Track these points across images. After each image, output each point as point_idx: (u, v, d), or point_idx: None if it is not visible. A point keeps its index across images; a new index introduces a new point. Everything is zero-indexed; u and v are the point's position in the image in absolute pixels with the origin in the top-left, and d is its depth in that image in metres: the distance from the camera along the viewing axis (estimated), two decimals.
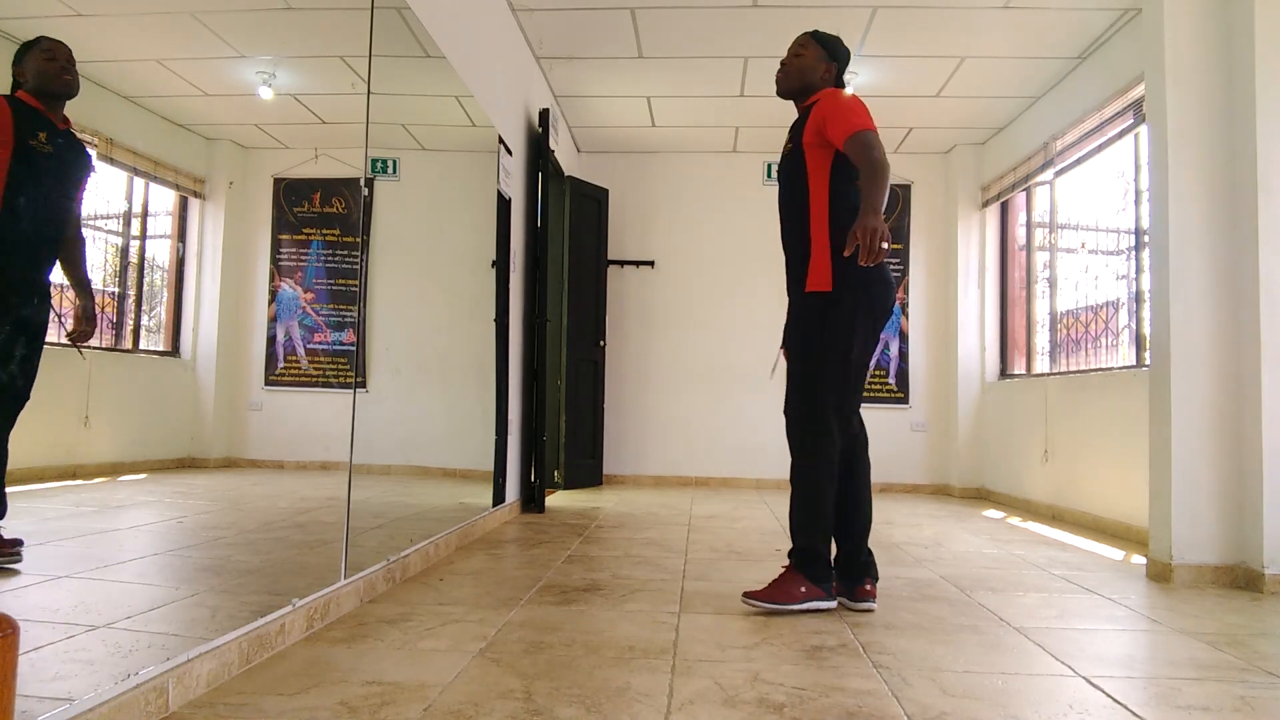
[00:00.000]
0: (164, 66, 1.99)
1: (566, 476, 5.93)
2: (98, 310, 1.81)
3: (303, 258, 2.68)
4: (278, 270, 2.62)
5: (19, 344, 1.58)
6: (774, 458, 5.91)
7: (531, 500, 4.74)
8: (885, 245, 2.27)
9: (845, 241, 2.37)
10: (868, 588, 2.54)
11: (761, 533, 3.68)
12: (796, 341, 2.58)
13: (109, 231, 1.97)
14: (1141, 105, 4.08)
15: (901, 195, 6.63)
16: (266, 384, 2.55)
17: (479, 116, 3.93)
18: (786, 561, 2.59)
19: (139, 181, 2.02)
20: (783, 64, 2.70)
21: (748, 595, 2.49)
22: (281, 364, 2.60)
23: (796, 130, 2.62)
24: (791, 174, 2.61)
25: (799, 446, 2.57)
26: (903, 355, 6.57)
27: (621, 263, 6.63)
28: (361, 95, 2.61)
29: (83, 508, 1.87)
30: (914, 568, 3.25)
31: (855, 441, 2.63)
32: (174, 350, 2.22)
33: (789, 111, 2.81)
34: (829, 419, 2.53)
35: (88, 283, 1.77)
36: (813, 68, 2.66)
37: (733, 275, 6.63)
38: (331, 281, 2.72)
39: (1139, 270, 4.32)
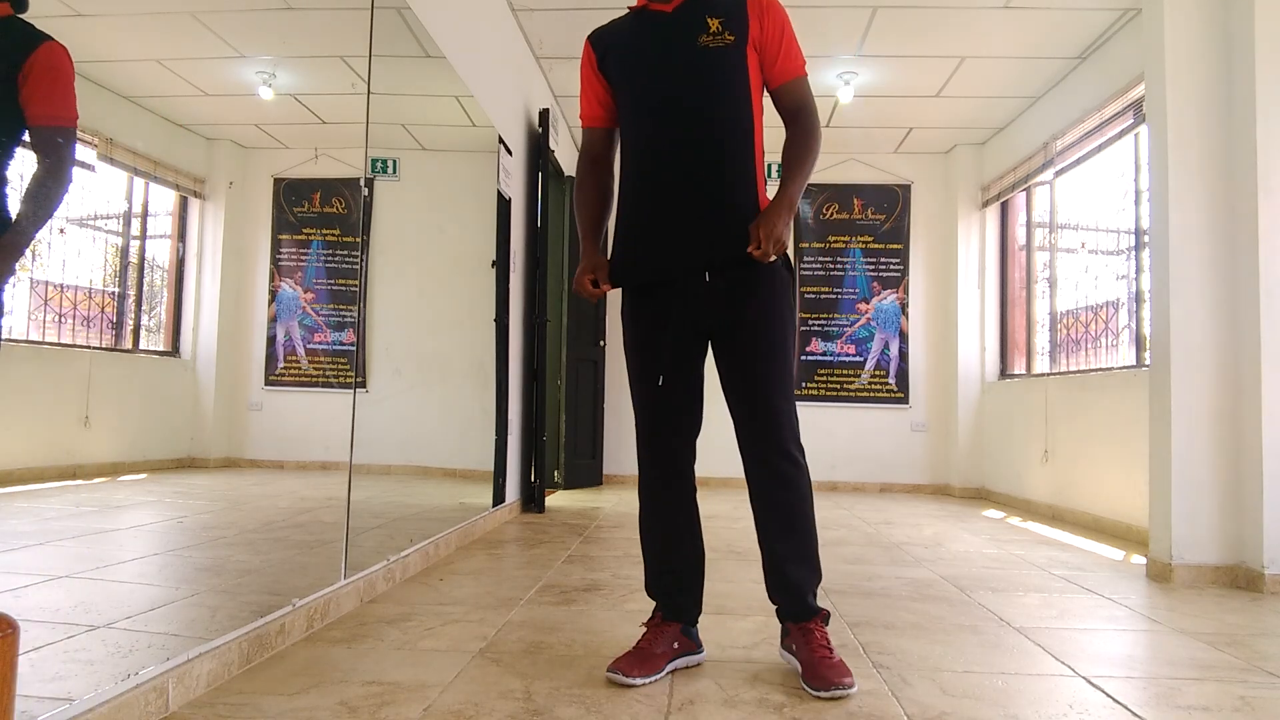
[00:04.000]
0: (164, 66, 2.00)
1: (566, 476, 5.93)
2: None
3: (303, 258, 2.68)
4: (278, 270, 2.62)
5: None
6: None
7: (531, 500, 4.74)
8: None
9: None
10: None
11: None
12: (758, 309, 1.87)
13: (109, 231, 1.97)
14: (1141, 105, 4.08)
15: (901, 195, 6.63)
16: (266, 384, 2.56)
17: (479, 116, 3.93)
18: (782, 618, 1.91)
19: (139, 181, 2.02)
20: None
21: (825, 685, 1.72)
22: (281, 364, 2.60)
23: (733, 19, 1.84)
24: (725, 72, 1.85)
25: (797, 453, 1.88)
26: (903, 355, 6.57)
27: None
28: (361, 95, 2.61)
29: (83, 508, 1.87)
30: (914, 568, 3.25)
31: None
32: (174, 350, 2.22)
33: None
34: None
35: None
36: None
37: None
38: (331, 281, 2.73)
39: (1139, 270, 4.32)
